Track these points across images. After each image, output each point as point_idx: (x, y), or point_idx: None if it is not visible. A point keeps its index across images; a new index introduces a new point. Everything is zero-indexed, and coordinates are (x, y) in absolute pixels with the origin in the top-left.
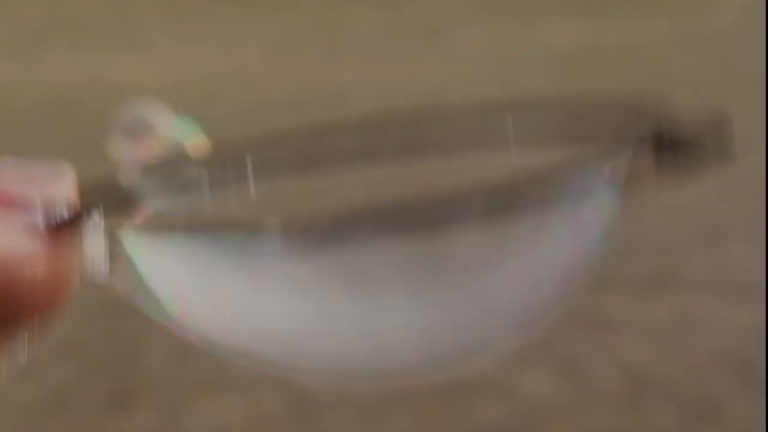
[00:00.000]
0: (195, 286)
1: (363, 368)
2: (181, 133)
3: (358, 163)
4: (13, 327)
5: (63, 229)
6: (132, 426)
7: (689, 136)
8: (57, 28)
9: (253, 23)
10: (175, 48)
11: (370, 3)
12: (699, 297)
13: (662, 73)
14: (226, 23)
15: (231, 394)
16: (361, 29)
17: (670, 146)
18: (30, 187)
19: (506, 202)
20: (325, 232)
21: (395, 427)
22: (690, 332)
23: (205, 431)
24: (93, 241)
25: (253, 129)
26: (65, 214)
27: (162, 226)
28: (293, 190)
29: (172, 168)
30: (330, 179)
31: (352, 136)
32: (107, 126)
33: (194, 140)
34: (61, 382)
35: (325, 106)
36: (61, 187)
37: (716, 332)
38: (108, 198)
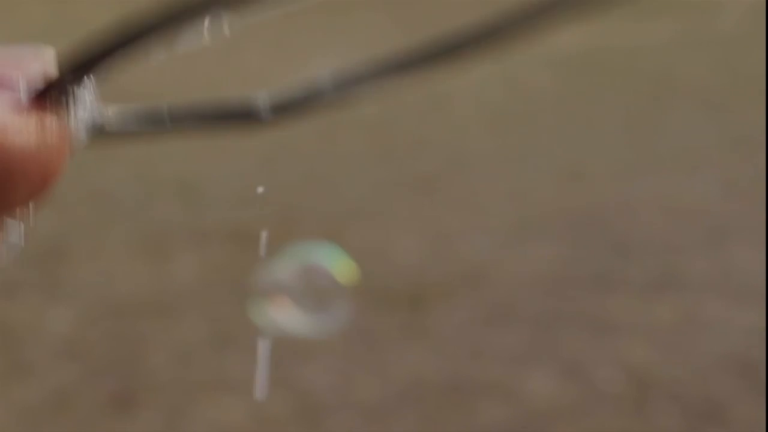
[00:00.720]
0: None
1: None
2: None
3: None
4: (8, 202)
5: (47, 101)
6: (135, 427)
7: None
8: (60, 32)
9: (256, 24)
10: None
11: (374, 5)
12: (702, 299)
13: (667, 75)
14: (230, 24)
15: (234, 395)
16: (365, 31)
17: None
18: (11, 66)
19: None
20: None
21: (399, 428)
22: (694, 334)
23: None
24: (77, 113)
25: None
26: (48, 87)
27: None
28: None
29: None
30: None
31: None
32: None
33: (343, 270)
34: (64, 384)
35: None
36: (42, 65)
37: (720, 334)
38: (86, 71)
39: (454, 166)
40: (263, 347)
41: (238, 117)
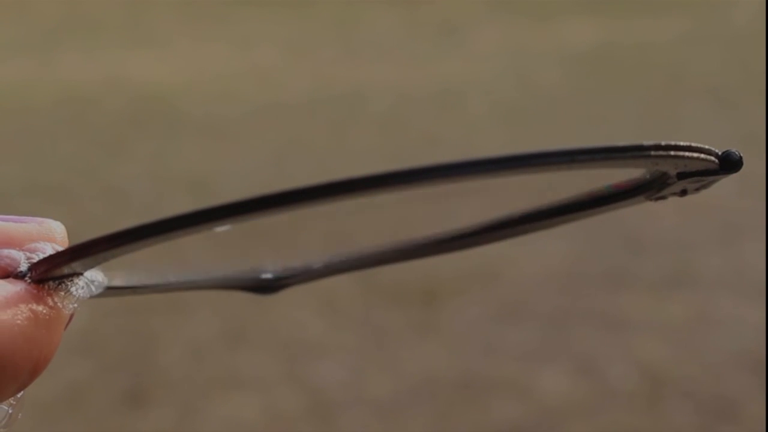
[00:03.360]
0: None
1: None
2: None
3: None
4: None
5: (46, 286)
6: (147, 424)
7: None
8: (74, 27)
9: (269, 22)
10: (192, 47)
11: (387, 2)
12: (715, 296)
13: (679, 71)
14: (242, 22)
15: (247, 392)
16: (377, 28)
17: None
18: (15, 243)
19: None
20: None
21: (412, 425)
22: (707, 331)
23: (220, 429)
24: (78, 296)
25: (269, 128)
26: (48, 269)
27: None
28: None
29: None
30: None
31: None
32: (123, 124)
33: None
34: (77, 380)
35: (341, 105)
36: (48, 242)
37: (733, 331)
38: (92, 255)
39: None
40: None
41: (243, 286)
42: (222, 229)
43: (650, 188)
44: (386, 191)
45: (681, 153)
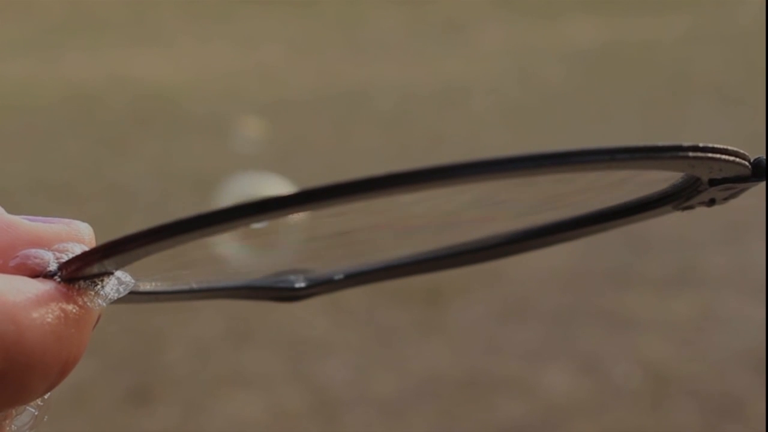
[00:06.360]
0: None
1: None
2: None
3: None
4: (26, 396)
5: (76, 285)
6: (152, 422)
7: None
8: (78, 26)
9: (274, 20)
10: (196, 45)
11: (391, 0)
12: (720, 294)
13: (683, 69)
14: (246, 20)
15: (251, 390)
16: (382, 26)
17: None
18: (45, 243)
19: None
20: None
21: (416, 424)
22: (711, 329)
23: (225, 428)
24: (105, 295)
25: (274, 126)
26: (78, 269)
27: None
28: None
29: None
30: None
31: None
32: (127, 122)
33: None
34: (81, 379)
35: (345, 103)
36: (77, 243)
37: (738, 329)
38: (121, 255)
39: None
40: None
41: (270, 295)
42: (259, 225)
43: (680, 197)
44: (417, 189)
45: (717, 155)
